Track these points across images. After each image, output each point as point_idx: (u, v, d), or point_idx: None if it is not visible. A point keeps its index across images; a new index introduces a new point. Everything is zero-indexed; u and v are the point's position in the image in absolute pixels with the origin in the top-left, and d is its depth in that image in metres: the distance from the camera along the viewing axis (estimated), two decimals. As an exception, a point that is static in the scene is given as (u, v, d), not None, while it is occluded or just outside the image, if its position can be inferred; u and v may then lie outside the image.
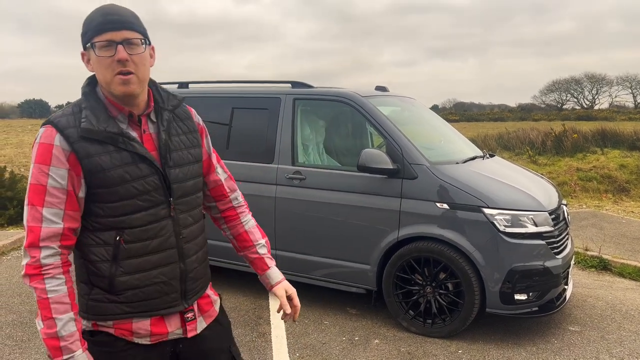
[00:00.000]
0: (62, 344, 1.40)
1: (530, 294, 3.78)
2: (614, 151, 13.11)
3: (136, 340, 1.56)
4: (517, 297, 3.76)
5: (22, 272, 1.43)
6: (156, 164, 1.52)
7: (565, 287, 4.11)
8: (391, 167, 3.98)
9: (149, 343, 1.58)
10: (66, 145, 1.42)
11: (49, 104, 77.10)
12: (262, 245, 1.84)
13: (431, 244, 3.92)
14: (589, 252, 6.07)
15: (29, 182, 1.44)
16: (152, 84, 1.60)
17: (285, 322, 1.77)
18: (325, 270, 4.39)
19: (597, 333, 4.07)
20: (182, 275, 1.60)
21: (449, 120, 5.86)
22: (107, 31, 1.42)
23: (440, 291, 3.96)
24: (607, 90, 68.42)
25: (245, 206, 1.88)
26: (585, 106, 65.22)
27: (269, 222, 4.47)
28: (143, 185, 1.50)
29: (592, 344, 3.88)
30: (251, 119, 4.75)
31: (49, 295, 1.40)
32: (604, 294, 4.94)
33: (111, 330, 1.55)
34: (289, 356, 3.67)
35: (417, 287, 4.02)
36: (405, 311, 4.07)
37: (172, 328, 1.61)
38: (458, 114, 50.16)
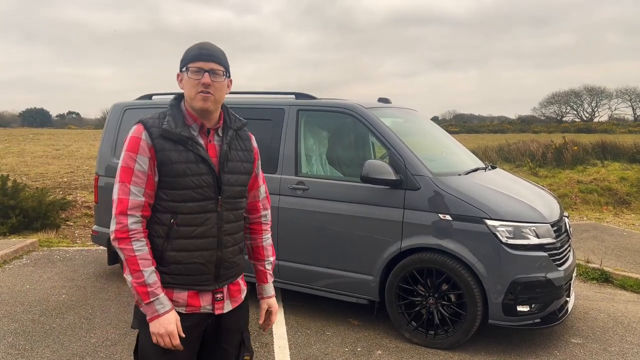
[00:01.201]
0: (149, 289, 1.78)
1: (533, 305, 3.79)
2: (614, 164, 13.15)
3: (175, 307, 1.87)
4: (520, 308, 3.77)
5: (112, 237, 1.81)
6: (212, 166, 1.89)
7: (567, 299, 4.12)
8: (394, 178, 4.00)
9: (184, 312, 1.89)
10: (149, 139, 1.83)
11: (50, 112, 77.39)
12: (270, 262, 2.22)
13: (433, 255, 3.93)
14: (590, 264, 6.08)
15: (120, 165, 1.84)
16: (225, 108, 2.00)
17: (262, 330, 2.28)
18: (328, 281, 4.40)
19: (599, 345, 4.07)
20: (218, 261, 1.93)
21: (449, 132, 5.90)
22: (200, 61, 1.86)
23: (443, 302, 3.96)
24: (606, 102, 68.68)
25: (270, 225, 2.26)
26: (585, 119, 65.40)
27: (272, 231, 4.47)
28: (199, 181, 1.86)
29: (595, 357, 3.88)
30: (255, 130, 4.73)
31: (136, 254, 1.78)
32: (606, 307, 4.94)
33: None
34: (292, 367, 3.67)
35: (419, 298, 4.03)
36: (408, 322, 4.07)
37: (204, 303, 1.94)
38: (458, 125, 50.32)
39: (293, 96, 4.84)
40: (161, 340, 1.80)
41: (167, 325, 1.79)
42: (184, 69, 1.90)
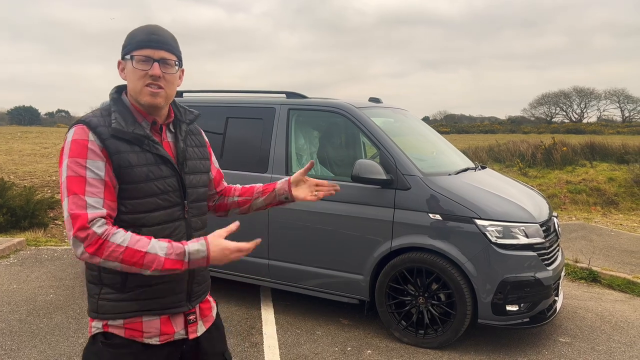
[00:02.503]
0: (173, 257, 1.48)
1: (522, 305, 3.81)
2: (602, 164, 13.27)
3: (146, 340, 1.61)
4: (509, 308, 3.79)
5: (84, 257, 1.46)
6: (175, 168, 1.66)
7: (556, 298, 4.15)
8: (385, 177, 4.01)
9: (158, 343, 1.63)
10: (99, 141, 1.53)
11: (39, 111, 76.62)
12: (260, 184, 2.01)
13: (424, 255, 3.94)
14: (578, 264, 6.13)
15: (64, 175, 1.50)
16: (172, 100, 1.74)
17: (327, 194, 1.94)
18: (318, 281, 4.40)
19: (587, 344, 4.10)
20: (190, 276, 1.69)
21: (439, 132, 5.92)
22: (147, 48, 1.58)
23: (433, 302, 3.98)
24: (595, 104, 69.43)
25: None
26: (574, 119, 66.03)
27: (262, 231, 4.47)
28: (164, 185, 1.62)
29: (582, 355, 3.91)
30: (245, 129, 4.77)
31: (126, 244, 1.46)
32: (594, 306, 4.99)
33: (122, 332, 1.60)
34: (282, 366, 3.66)
35: (409, 298, 4.04)
36: (398, 322, 4.08)
37: (177, 328, 1.68)
38: (449, 125, 50.57)
39: (284, 95, 4.83)
40: (242, 254, 1.55)
41: (224, 251, 1.52)
42: (127, 56, 1.59)
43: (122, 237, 1.47)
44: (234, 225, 1.57)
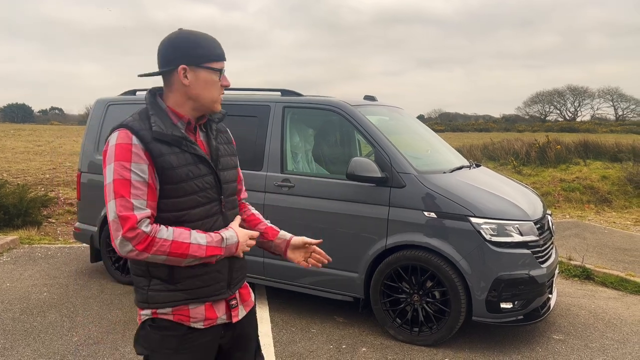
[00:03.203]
0: (213, 245, 1.67)
1: (516, 302, 3.83)
2: (596, 162, 13.35)
3: (192, 324, 1.74)
4: (503, 305, 3.80)
5: (132, 254, 1.59)
6: (212, 166, 1.76)
7: (550, 296, 4.17)
8: (380, 175, 4.01)
9: (202, 327, 1.76)
10: (142, 145, 1.62)
11: (32, 108, 76.16)
12: (267, 220, 2.13)
13: (418, 252, 3.95)
14: (572, 262, 6.16)
15: (110, 178, 1.60)
16: None
17: (317, 264, 2.08)
18: (313, 278, 4.40)
19: (580, 341, 4.13)
20: (230, 265, 1.81)
21: (434, 130, 5.93)
22: (222, 60, 1.78)
23: (427, 299, 3.99)
24: (589, 102, 69.70)
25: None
26: (568, 118, 66.32)
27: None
28: (202, 183, 1.72)
29: (576, 352, 3.93)
30: (240, 126, 4.74)
31: (172, 237, 1.61)
32: (587, 303, 5.01)
33: (170, 317, 1.72)
34: (276, 364, 3.66)
35: (404, 295, 4.05)
36: (393, 319, 4.08)
37: (220, 314, 1.81)
38: (443, 124, 50.63)
39: (279, 93, 4.81)
40: (252, 244, 1.80)
41: (244, 238, 1.76)
42: (202, 64, 1.72)
43: (167, 232, 1.61)
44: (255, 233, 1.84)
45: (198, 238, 1.65)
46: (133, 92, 5.59)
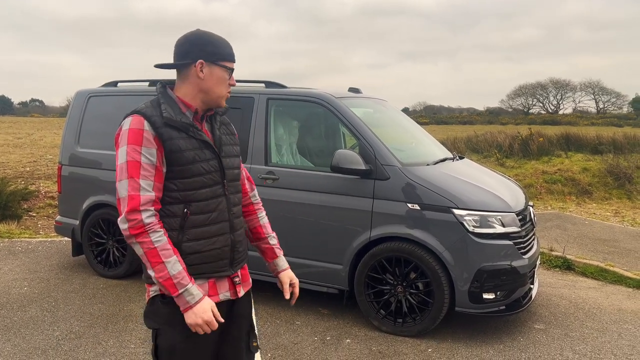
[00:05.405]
0: (175, 281, 1.74)
1: (498, 293, 3.87)
2: (577, 155, 13.52)
3: None
4: (485, 296, 3.85)
5: (127, 234, 1.74)
6: (216, 151, 1.92)
7: (531, 286, 4.23)
8: (364, 168, 4.01)
9: None
10: (152, 130, 1.78)
11: (12, 100, 74.76)
12: (273, 237, 2.22)
13: (402, 244, 3.97)
14: (553, 253, 6.25)
15: (123, 160, 1.77)
16: None
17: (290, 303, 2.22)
18: (298, 270, 4.36)
19: (561, 331, 4.20)
20: (232, 244, 1.95)
21: (419, 123, 5.94)
22: (234, 62, 1.94)
23: (411, 290, 4.01)
24: (571, 95, 70.64)
25: (261, 204, 2.24)
26: (551, 111, 67.12)
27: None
28: (208, 166, 1.88)
29: (557, 341, 4.00)
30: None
31: (155, 245, 1.74)
32: (568, 293, 5.10)
33: None
34: (261, 357, 3.66)
35: (388, 287, 4.07)
36: (377, 310, 4.11)
37: (222, 290, 1.94)
38: (428, 116, 50.84)
39: (263, 85, 4.78)
40: (200, 330, 1.78)
41: (202, 314, 1.76)
42: (218, 62, 1.88)
43: (159, 237, 1.75)
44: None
45: (172, 266, 1.74)
46: (114, 84, 5.51)
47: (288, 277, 2.18)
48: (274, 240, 2.21)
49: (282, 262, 2.19)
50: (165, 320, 1.84)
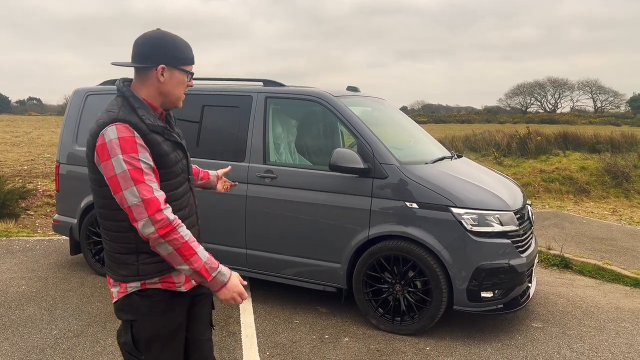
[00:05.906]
0: (208, 266, 1.81)
1: (496, 291, 3.88)
2: (575, 153, 13.55)
3: (178, 288, 1.96)
4: (483, 294, 3.85)
5: (156, 236, 1.75)
6: (185, 150, 2.04)
7: (529, 284, 4.24)
8: (362, 166, 4.01)
9: (184, 290, 1.99)
10: (141, 136, 1.82)
11: (10, 98, 74.60)
12: (200, 168, 2.50)
13: (400, 243, 3.97)
14: (551, 251, 6.26)
15: (121, 169, 1.75)
16: None
17: (228, 189, 2.68)
18: (296, 269, 4.40)
19: (558, 329, 4.21)
20: (199, 234, 2.10)
21: (417, 122, 5.95)
22: (193, 64, 1.99)
23: (409, 289, 4.02)
24: (569, 94, 70.88)
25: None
26: (549, 110, 67.24)
27: (240, 220, 4.45)
28: (182, 166, 2.00)
29: (554, 340, 4.01)
30: (222, 117, 4.71)
31: (186, 239, 1.79)
32: (565, 292, 5.11)
33: (158, 285, 1.92)
34: (259, 355, 3.66)
35: (386, 286, 4.07)
36: (375, 309, 4.11)
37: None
38: (426, 115, 50.87)
39: (261, 83, 4.77)
40: (233, 302, 1.89)
41: (234, 289, 1.87)
42: (179, 66, 1.92)
43: (185, 231, 1.80)
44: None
45: (202, 253, 1.82)
46: (112, 82, 5.49)
47: (221, 171, 2.56)
48: (201, 169, 2.50)
49: (214, 172, 2.54)
50: (144, 312, 1.91)
